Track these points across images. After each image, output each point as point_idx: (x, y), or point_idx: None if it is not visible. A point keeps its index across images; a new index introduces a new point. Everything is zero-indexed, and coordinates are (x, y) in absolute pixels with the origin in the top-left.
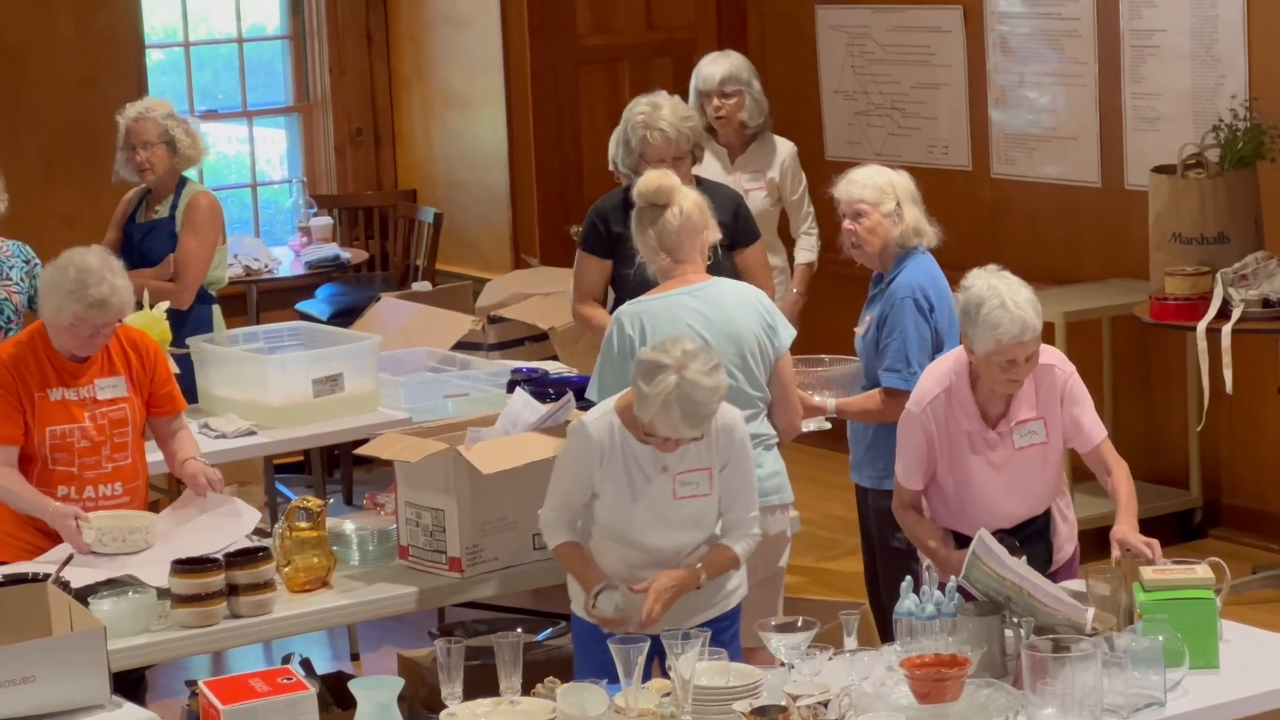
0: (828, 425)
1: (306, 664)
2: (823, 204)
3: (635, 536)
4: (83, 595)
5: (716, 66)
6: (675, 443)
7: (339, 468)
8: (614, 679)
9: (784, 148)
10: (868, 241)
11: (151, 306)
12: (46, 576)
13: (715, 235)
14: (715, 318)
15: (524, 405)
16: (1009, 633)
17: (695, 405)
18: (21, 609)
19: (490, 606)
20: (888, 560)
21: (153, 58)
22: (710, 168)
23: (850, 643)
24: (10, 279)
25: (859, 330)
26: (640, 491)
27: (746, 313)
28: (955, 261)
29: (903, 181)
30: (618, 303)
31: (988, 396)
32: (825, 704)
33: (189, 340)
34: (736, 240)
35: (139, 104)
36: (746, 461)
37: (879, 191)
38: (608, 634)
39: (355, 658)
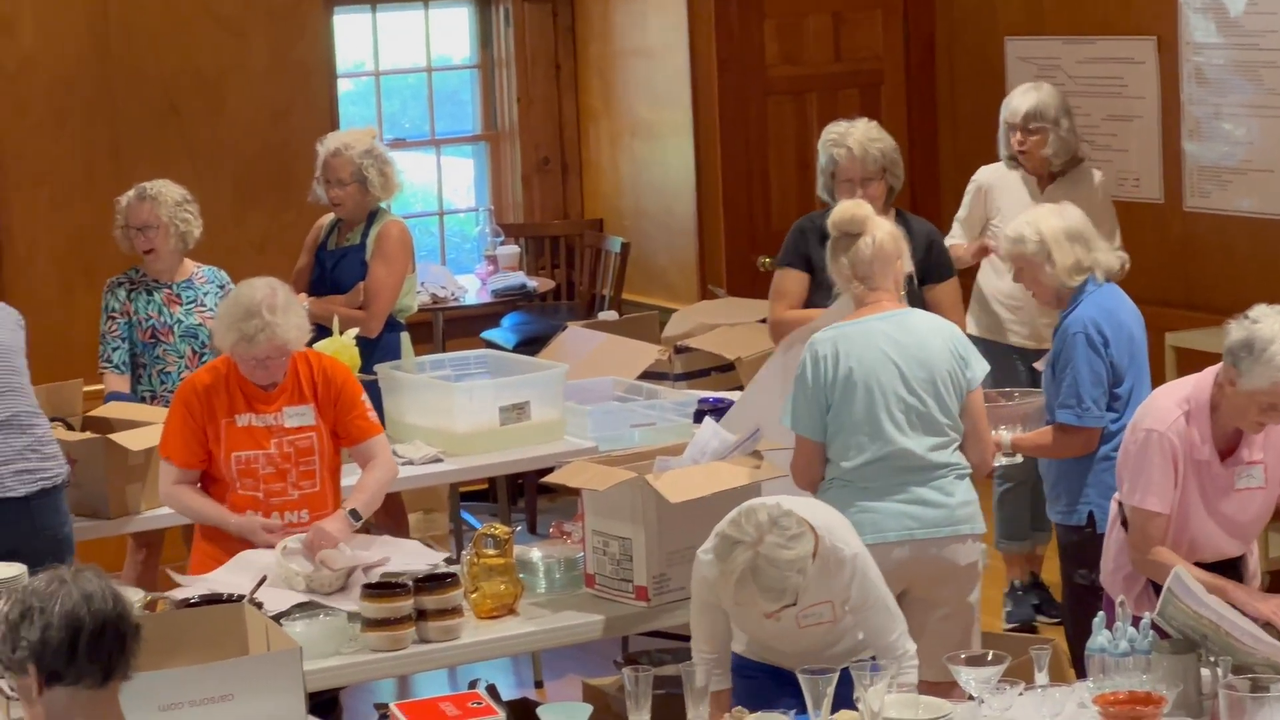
0: (1018, 459)
1: (492, 690)
2: None
3: (774, 645)
4: (275, 618)
5: (1024, 100)
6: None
7: (523, 496)
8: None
9: (1096, 178)
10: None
11: (342, 333)
12: (242, 598)
13: (908, 267)
14: (908, 343)
15: (712, 434)
16: (1205, 671)
17: (773, 580)
18: (219, 628)
19: (674, 636)
20: (1071, 596)
21: (343, 87)
22: (1018, 196)
23: (1042, 678)
24: (205, 305)
25: (1039, 365)
26: (763, 625)
27: (939, 341)
28: (1145, 295)
29: (1051, 222)
30: None
31: (1223, 430)
32: None
33: (377, 367)
34: (928, 275)
35: (340, 137)
36: (869, 587)
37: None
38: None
39: (539, 685)
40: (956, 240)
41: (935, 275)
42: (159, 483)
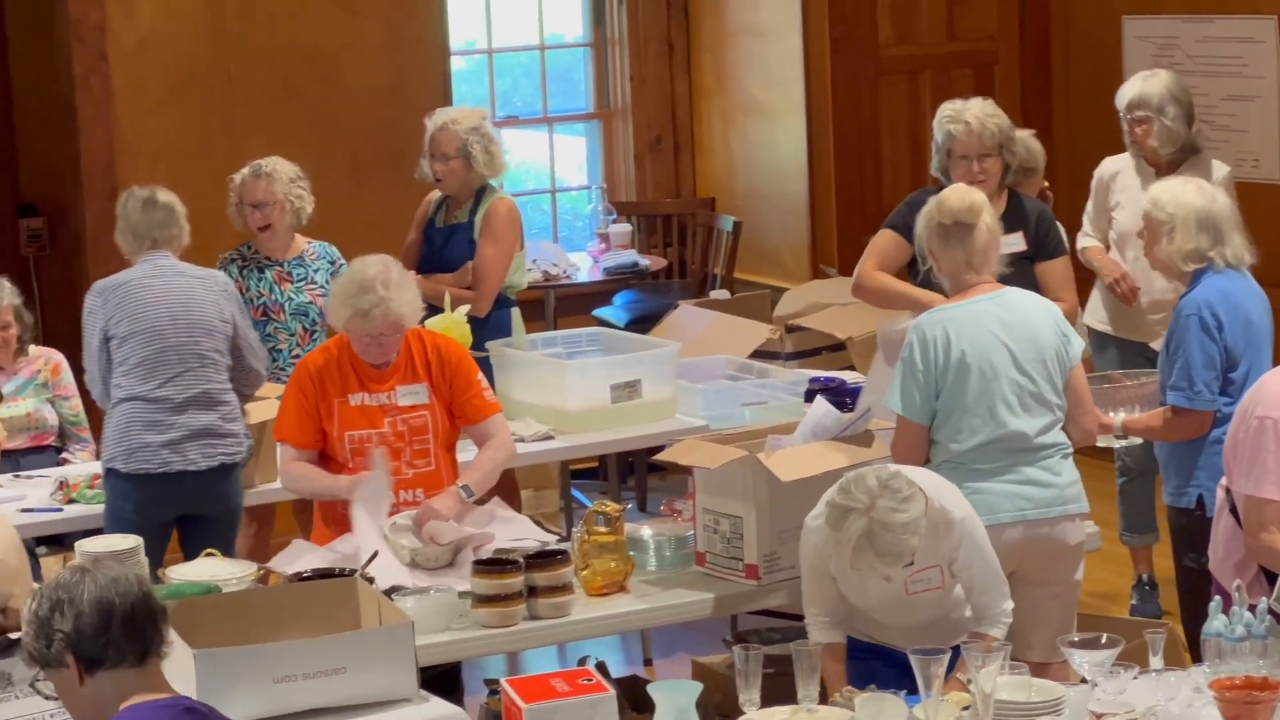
0: (1138, 441)
1: (602, 667)
2: None
3: (878, 618)
4: (386, 593)
5: (1129, 88)
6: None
7: (633, 474)
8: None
9: (1217, 172)
10: (1147, 252)
11: (452, 310)
12: (354, 572)
13: (1018, 245)
14: (1015, 323)
15: (824, 413)
16: None
17: (889, 545)
18: (332, 602)
19: (784, 614)
20: (1182, 580)
21: (456, 65)
22: (1136, 186)
23: (1156, 662)
24: (315, 282)
25: (1154, 344)
26: (871, 587)
27: (1043, 320)
28: (1262, 279)
29: (1191, 200)
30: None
31: None
32: None
33: (488, 344)
34: (1039, 252)
35: (447, 113)
36: (977, 550)
37: (1151, 203)
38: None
39: (648, 663)
40: (1089, 240)
41: (1047, 252)
42: (279, 466)
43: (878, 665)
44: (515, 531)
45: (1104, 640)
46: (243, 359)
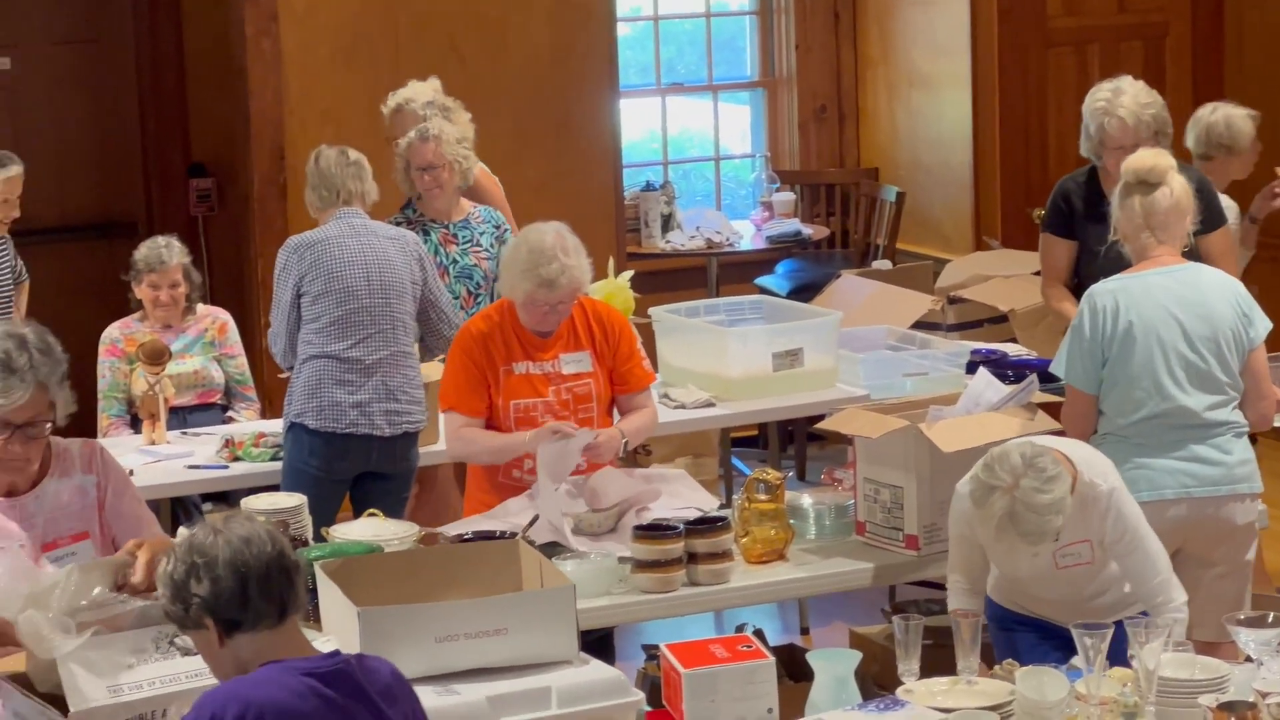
0: None
1: (759, 635)
2: None
3: (1031, 590)
4: (545, 553)
5: None
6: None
7: (793, 443)
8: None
9: None
10: None
11: (616, 274)
12: (515, 535)
13: (1192, 226)
14: (1192, 299)
15: (987, 385)
16: None
17: (1032, 525)
18: (494, 564)
19: (942, 586)
20: None
21: (621, 32)
22: None
23: None
24: (480, 245)
25: None
26: (1020, 561)
27: (1223, 298)
28: None
29: None
30: (1078, 284)
31: None
32: None
33: (651, 311)
34: (1200, 224)
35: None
36: (1126, 525)
37: None
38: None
39: (805, 631)
40: None
41: (1207, 224)
42: (446, 437)
43: (1034, 637)
44: (679, 490)
45: (1270, 619)
46: (430, 321)
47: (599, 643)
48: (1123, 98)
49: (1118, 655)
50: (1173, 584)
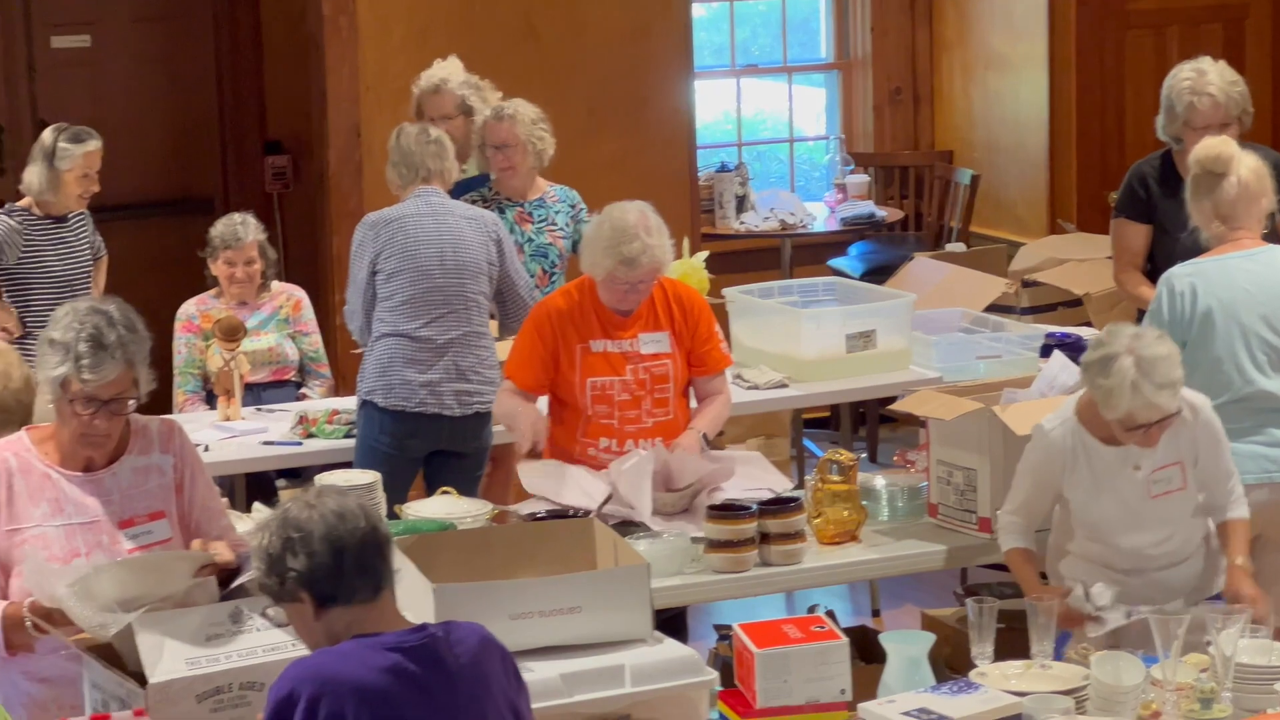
0: None
1: (831, 615)
2: None
3: (1108, 536)
4: (620, 533)
5: None
6: (1158, 429)
7: (864, 425)
8: None
9: None
10: None
11: (691, 255)
12: (589, 513)
13: (1271, 205)
14: (1271, 280)
15: (1061, 368)
16: None
17: (1164, 374)
18: (568, 542)
19: None
20: None
21: (696, 13)
22: None
23: None
24: (556, 224)
25: None
26: (1110, 494)
27: None
28: None
29: None
30: (1154, 268)
31: None
32: None
33: (725, 292)
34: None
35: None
36: (1219, 441)
37: None
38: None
39: (876, 613)
40: None
41: None
42: (496, 397)
43: None
44: (753, 472)
45: None
46: (505, 303)
47: (671, 622)
48: (1209, 76)
49: None
50: (1238, 479)
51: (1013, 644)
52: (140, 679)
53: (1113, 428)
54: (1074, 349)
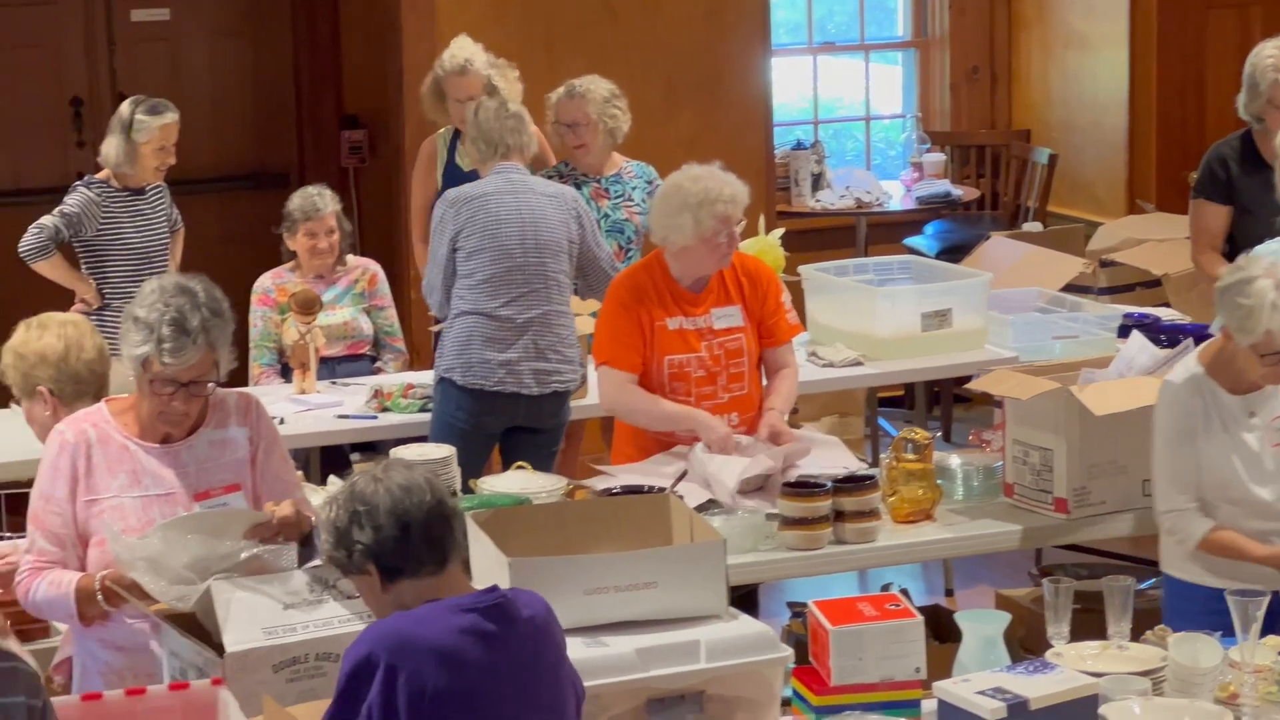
0: None
1: (905, 594)
2: None
3: (1236, 492)
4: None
5: None
6: None
7: (939, 404)
8: None
9: None
10: None
11: (767, 232)
12: (664, 489)
13: None
14: None
15: (1140, 348)
16: None
17: None
18: (643, 518)
19: (1091, 550)
20: None
21: None
22: None
23: None
24: (633, 200)
25: None
26: (1236, 444)
27: None
28: None
29: None
30: (1234, 249)
31: None
32: None
33: (801, 269)
34: None
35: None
36: None
37: None
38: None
39: (949, 593)
40: None
41: None
42: (603, 393)
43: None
44: (830, 455)
45: None
46: (588, 278)
47: (744, 599)
48: None
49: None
50: None
51: (1089, 626)
52: (219, 648)
53: (1243, 362)
54: (1153, 329)
